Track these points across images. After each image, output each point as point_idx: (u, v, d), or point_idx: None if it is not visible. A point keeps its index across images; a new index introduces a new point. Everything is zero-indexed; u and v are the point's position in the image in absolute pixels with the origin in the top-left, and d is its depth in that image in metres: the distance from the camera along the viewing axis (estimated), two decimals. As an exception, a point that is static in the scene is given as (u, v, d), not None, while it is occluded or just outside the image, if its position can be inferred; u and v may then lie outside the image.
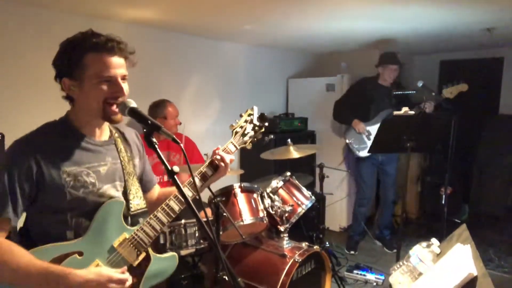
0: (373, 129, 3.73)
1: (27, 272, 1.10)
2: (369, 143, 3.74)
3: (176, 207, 1.36)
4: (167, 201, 1.36)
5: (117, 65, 1.24)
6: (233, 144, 1.52)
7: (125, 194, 1.38)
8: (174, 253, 1.47)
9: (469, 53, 5.04)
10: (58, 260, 1.19)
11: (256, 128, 1.57)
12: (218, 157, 1.46)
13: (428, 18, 3.03)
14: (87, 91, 1.22)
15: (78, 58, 1.20)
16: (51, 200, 1.22)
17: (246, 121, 1.55)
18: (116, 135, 1.42)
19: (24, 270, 1.10)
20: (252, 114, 1.56)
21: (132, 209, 1.38)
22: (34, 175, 1.19)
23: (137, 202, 1.40)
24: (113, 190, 1.34)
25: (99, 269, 1.19)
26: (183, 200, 1.14)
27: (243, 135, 1.54)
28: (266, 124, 1.58)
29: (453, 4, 2.61)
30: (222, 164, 1.45)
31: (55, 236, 1.22)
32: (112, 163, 1.35)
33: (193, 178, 1.22)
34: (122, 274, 1.22)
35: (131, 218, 1.38)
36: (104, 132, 1.38)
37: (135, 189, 1.41)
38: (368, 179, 3.89)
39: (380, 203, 4.06)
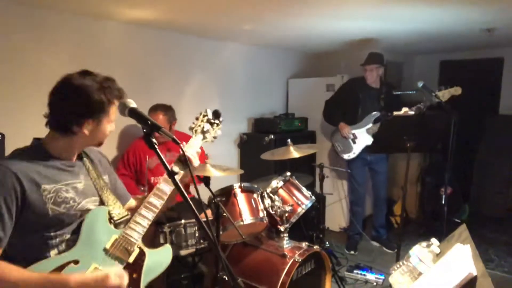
0: (359, 132, 3.72)
1: (27, 283, 1.15)
2: (354, 146, 3.74)
3: (157, 203, 1.43)
4: (147, 198, 1.42)
5: None
6: (195, 140, 1.67)
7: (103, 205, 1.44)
8: (168, 245, 1.56)
9: (469, 53, 5.05)
10: (56, 272, 1.23)
11: (213, 124, 1.74)
12: (182, 154, 1.53)
13: (428, 18, 3.04)
14: (103, 130, 1.36)
15: (109, 106, 1.32)
16: (33, 218, 1.25)
17: (202, 121, 1.72)
18: (82, 155, 1.47)
19: (23, 282, 1.15)
20: (206, 115, 1.75)
21: (115, 218, 1.43)
22: (18, 195, 1.22)
23: (118, 211, 1.46)
24: (92, 205, 1.40)
25: (93, 272, 1.24)
26: (184, 201, 1.15)
27: (202, 132, 1.70)
28: (221, 119, 1.79)
29: (453, 4, 2.61)
30: (190, 155, 1.54)
31: (38, 257, 1.25)
32: (85, 180, 1.42)
33: (193, 178, 1.22)
34: (118, 270, 1.26)
35: (115, 226, 1.42)
36: (74, 157, 1.42)
37: (112, 200, 1.46)
38: (360, 178, 3.89)
39: (373, 202, 4.07)
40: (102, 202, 1.44)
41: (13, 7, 2.43)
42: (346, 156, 3.80)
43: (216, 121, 1.75)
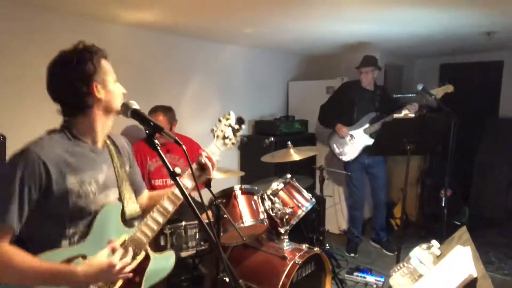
0: (356, 133, 3.74)
1: (36, 272, 1.17)
2: (353, 147, 3.75)
3: (170, 207, 1.42)
4: (161, 202, 1.41)
5: None
6: (216, 146, 1.61)
7: (120, 199, 1.43)
8: (171, 251, 1.54)
9: (469, 56, 5.06)
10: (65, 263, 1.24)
11: (235, 130, 1.69)
12: (203, 159, 1.50)
13: (428, 22, 3.05)
14: (112, 90, 1.37)
15: (98, 64, 1.33)
16: (53, 208, 1.25)
17: (225, 125, 1.66)
18: (108, 142, 1.46)
19: (33, 271, 1.17)
20: (230, 119, 1.68)
21: (127, 214, 1.42)
22: (43, 183, 1.22)
23: (132, 207, 1.45)
24: (110, 197, 1.39)
25: (98, 261, 1.24)
26: (185, 201, 1.15)
27: (224, 137, 1.64)
28: (243, 126, 1.72)
29: (453, 7, 2.63)
30: (209, 163, 1.50)
31: (50, 245, 1.25)
32: (107, 170, 1.40)
33: (196, 181, 1.22)
34: (116, 252, 1.28)
35: (127, 222, 1.42)
36: (100, 141, 1.41)
37: (128, 194, 1.46)
38: (358, 181, 3.90)
39: (373, 205, 4.08)
40: (120, 195, 1.43)
41: (15, 9, 2.44)
42: (345, 158, 3.81)
43: (238, 127, 1.70)
